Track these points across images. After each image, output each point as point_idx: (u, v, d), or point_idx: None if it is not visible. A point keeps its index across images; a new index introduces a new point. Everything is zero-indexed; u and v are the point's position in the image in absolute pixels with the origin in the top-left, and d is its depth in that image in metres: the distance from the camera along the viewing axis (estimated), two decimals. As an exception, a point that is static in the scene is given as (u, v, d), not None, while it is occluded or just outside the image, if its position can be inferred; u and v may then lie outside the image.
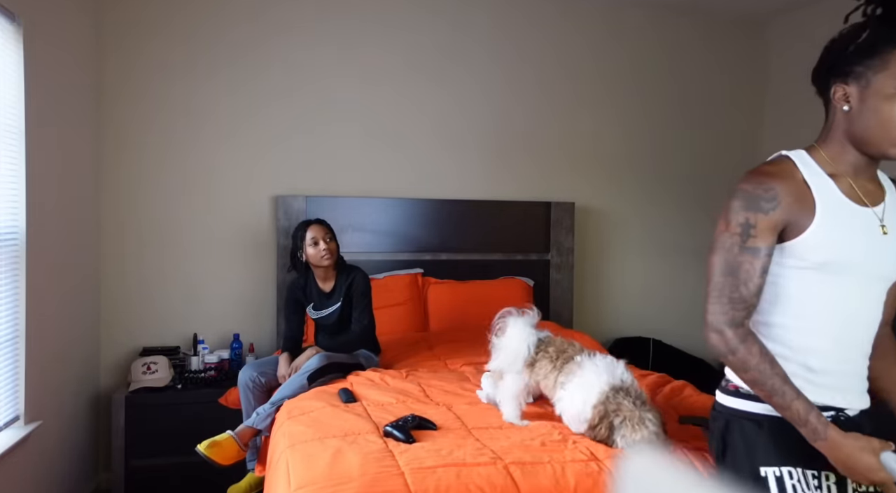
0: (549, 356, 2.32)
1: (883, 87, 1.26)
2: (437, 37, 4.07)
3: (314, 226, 3.14)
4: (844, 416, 1.35)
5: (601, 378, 2.14)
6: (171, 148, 3.71)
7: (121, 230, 3.64)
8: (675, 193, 4.47)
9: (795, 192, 1.32)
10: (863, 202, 1.33)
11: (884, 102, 1.25)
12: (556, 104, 4.27)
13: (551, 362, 2.29)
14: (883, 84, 1.25)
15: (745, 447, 1.32)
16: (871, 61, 1.26)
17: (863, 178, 1.34)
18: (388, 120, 4.00)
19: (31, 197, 2.68)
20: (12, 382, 2.63)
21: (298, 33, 3.86)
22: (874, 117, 1.27)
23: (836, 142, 1.36)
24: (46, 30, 2.84)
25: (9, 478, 2.53)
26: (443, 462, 1.92)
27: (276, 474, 2.09)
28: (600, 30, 4.32)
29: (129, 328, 3.65)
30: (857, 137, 1.31)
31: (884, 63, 1.25)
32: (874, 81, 1.26)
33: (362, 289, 3.14)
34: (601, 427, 2.05)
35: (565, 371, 2.24)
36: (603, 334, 4.29)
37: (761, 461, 1.29)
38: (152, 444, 3.28)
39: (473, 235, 4.06)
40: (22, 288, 2.66)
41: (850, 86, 1.30)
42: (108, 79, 3.60)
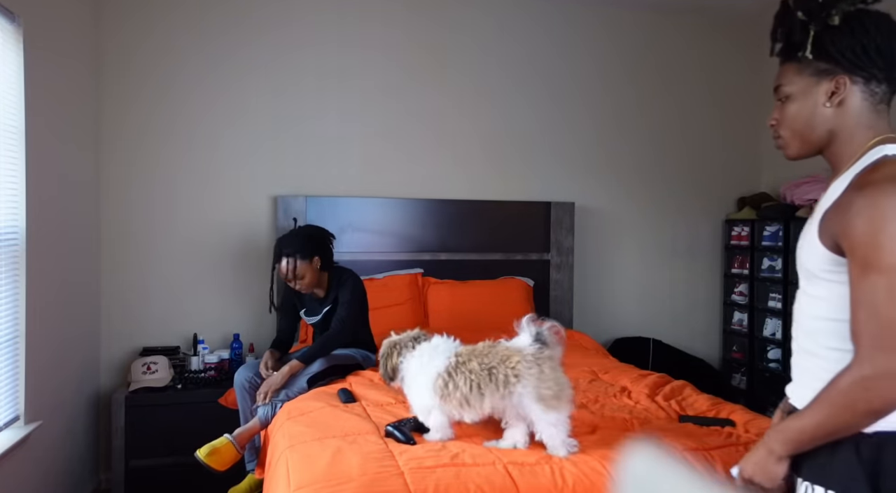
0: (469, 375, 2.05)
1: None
2: (437, 37, 4.07)
3: (279, 266, 3.01)
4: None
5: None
6: (172, 147, 3.71)
7: (121, 230, 3.64)
8: (674, 193, 4.47)
9: None
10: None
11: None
12: (556, 104, 4.27)
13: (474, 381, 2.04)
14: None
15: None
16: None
17: (833, 173, 1.29)
18: (388, 120, 4.00)
19: (31, 197, 2.68)
20: (12, 382, 2.63)
21: (299, 33, 3.86)
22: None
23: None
24: (46, 30, 2.84)
25: (9, 478, 2.53)
26: (442, 462, 1.92)
27: (276, 474, 2.09)
28: (600, 30, 4.32)
29: (129, 328, 3.65)
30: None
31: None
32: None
33: (348, 296, 3.06)
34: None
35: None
36: (603, 334, 4.29)
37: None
38: (152, 444, 3.28)
39: (473, 235, 4.06)
40: (22, 288, 2.66)
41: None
42: (107, 78, 3.60)
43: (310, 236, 3.07)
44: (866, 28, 1.19)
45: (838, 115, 1.24)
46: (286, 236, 3.09)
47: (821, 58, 1.22)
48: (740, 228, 4.35)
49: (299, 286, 3.03)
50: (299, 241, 3.02)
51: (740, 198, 4.49)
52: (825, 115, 1.24)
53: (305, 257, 3.00)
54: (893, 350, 1.06)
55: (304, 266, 3.00)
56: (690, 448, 2.02)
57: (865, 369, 1.08)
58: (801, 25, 1.23)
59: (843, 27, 1.20)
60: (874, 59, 1.20)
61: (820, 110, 1.24)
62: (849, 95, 1.22)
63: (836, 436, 1.14)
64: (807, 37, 1.22)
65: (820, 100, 1.24)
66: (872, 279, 1.09)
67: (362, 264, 3.81)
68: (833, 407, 1.12)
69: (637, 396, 2.68)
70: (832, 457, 1.16)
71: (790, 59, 1.28)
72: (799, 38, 1.23)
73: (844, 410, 1.11)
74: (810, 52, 1.22)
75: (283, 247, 3.02)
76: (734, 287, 4.44)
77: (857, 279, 1.12)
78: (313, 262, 3.02)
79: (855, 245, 1.11)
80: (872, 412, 1.09)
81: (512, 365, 2.00)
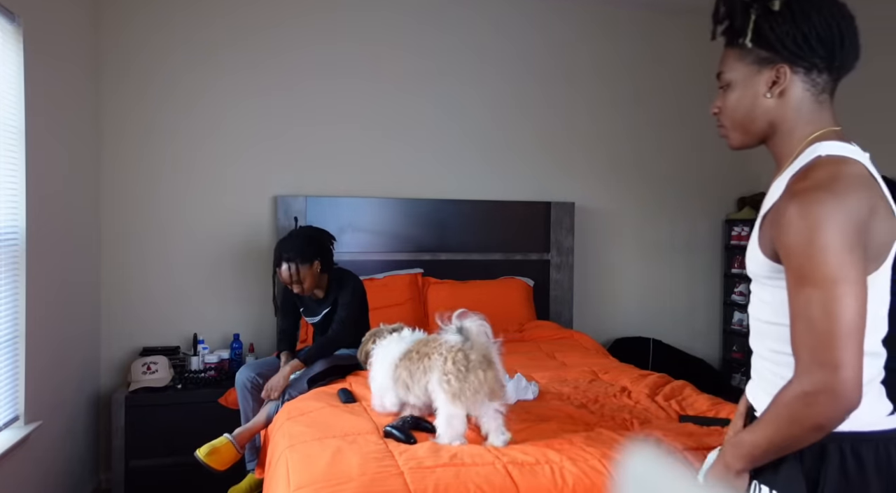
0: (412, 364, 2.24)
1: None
2: (437, 38, 4.07)
3: (280, 271, 3.01)
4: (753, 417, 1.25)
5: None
6: (172, 147, 3.71)
7: (121, 230, 3.64)
8: (674, 193, 4.47)
9: None
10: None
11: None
12: (556, 104, 4.27)
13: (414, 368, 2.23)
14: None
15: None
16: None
17: (777, 168, 1.24)
18: (388, 120, 4.00)
19: (31, 197, 2.68)
20: (12, 382, 2.63)
21: (298, 33, 3.86)
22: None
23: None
24: (46, 30, 2.84)
25: (9, 478, 2.53)
26: (442, 462, 1.92)
27: (276, 474, 2.09)
28: (599, 30, 4.32)
29: (129, 328, 3.65)
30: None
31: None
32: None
33: (349, 298, 3.06)
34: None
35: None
36: (603, 334, 4.29)
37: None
38: (152, 444, 3.28)
39: (473, 235, 4.06)
40: (22, 288, 2.66)
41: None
42: (107, 78, 3.60)
43: (310, 240, 3.05)
44: (807, 13, 1.13)
45: (779, 106, 1.18)
46: (286, 240, 3.07)
47: (761, 45, 1.16)
48: (740, 228, 4.35)
49: (300, 290, 3.03)
50: (299, 245, 3.00)
51: (740, 198, 4.49)
52: (766, 105, 1.19)
53: (306, 261, 2.98)
54: (829, 366, 1.03)
55: (304, 271, 2.98)
56: (690, 448, 2.01)
57: (805, 384, 1.05)
58: (743, 8, 1.16)
59: (784, 12, 1.13)
60: (815, 47, 1.14)
61: (761, 101, 1.19)
62: (790, 85, 1.16)
63: (788, 450, 1.12)
64: (748, 22, 1.15)
65: (761, 90, 1.18)
66: (807, 292, 1.05)
67: (362, 264, 3.81)
68: (779, 422, 1.09)
69: (637, 396, 2.68)
70: (778, 460, 1.14)
71: (733, 44, 1.21)
72: (740, 22, 1.17)
73: (791, 425, 1.08)
74: (751, 40, 1.16)
75: (283, 252, 3.00)
76: (734, 287, 4.44)
77: (792, 292, 1.08)
78: (314, 266, 3.01)
79: (789, 256, 1.08)
80: (817, 426, 1.06)
81: (431, 354, 2.16)
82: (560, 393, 2.69)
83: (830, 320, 1.03)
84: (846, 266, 1.03)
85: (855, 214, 1.05)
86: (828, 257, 1.03)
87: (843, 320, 1.03)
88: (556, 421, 2.31)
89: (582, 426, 2.28)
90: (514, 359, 3.24)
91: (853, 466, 1.11)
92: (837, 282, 1.03)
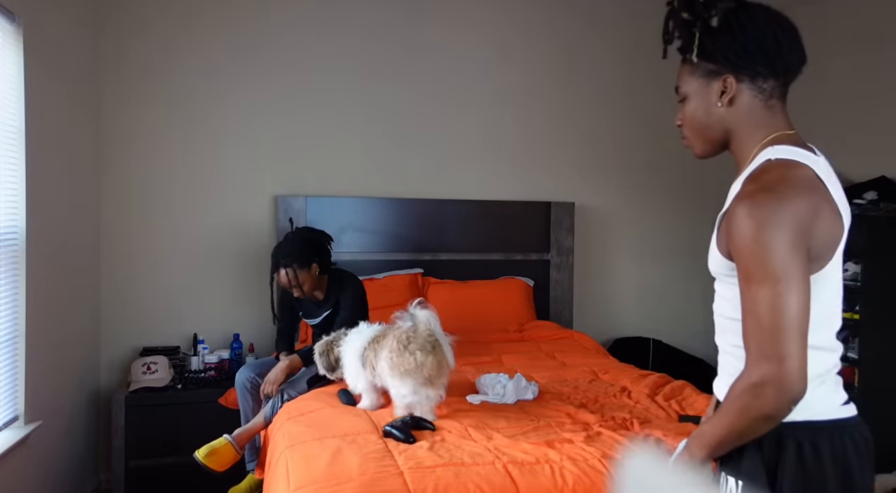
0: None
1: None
2: (436, 37, 4.07)
3: (278, 274, 2.98)
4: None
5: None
6: (172, 147, 3.71)
7: (120, 230, 3.64)
8: (675, 194, 4.47)
9: None
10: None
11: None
12: (556, 104, 4.27)
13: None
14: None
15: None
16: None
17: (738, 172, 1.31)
18: (388, 120, 4.00)
19: (31, 197, 2.68)
20: (12, 382, 2.63)
21: (299, 33, 3.86)
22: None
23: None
24: (46, 30, 2.84)
25: (9, 478, 2.53)
26: (441, 462, 1.92)
27: (276, 474, 2.09)
28: (598, 30, 4.32)
29: (129, 328, 3.65)
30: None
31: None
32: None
33: (350, 300, 3.05)
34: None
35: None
36: (603, 334, 4.29)
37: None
38: (152, 444, 3.28)
39: (473, 235, 4.06)
40: (22, 288, 2.66)
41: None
42: (107, 78, 3.60)
43: (306, 243, 3.01)
44: (744, 26, 1.20)
45: (731, 113, 1.25)
46: (282, 245, 3.04)
47: (707, 59, 1.24)
48: (740, 228, 4.34)
49: (299, 293, 3.01)
50: (296, 249, 2.97)
51: (740, 198, 4.48)
52: (719, 114, 1.26)
53: (304, 265, 2.95)
54: (775, 358, 1.09)
55: (302, 275, 2.95)
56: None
57: (753, 376, 1.11)
58: (686, 27, 1.24)
59: (723, 27, 1.21)
60: (754, 56, 1.21)
61: (714, 110, 1.26)
62: (738, 93, 1.23)
63: (744, 440, 1.17)
64: (692, 39, 1.24)
65: (712, 99, 1.26)
66: (754, 289, 1.11)
67: (362, 264, 3.81)
68: (732, 414, 1.15)
69: (637, 396, 2.68)
70: (741, 451, 1.20)
71: (684, 60, 1.29)
72: (686, 40, 1.25)
73: (741, 415, 1.13)
74: (696, 55, 1.24)
75: (279, 257, 2.97)
76: (734, 287, 4.44)
77: (742, 289, 1.14)
78: (312, 269, 2.98)
79: (739, 255, 1.14)
80: (765, 417, 1.12)
81: (385, 337, 2.46)
82: (560, 393, 2.69)
83: (775, 315, 1.09)
84: (790, 265, 1.09)
85: (798, 216, 1.11)
86: (772, 256, 1.09)
87: (787, 316, 1.09)
88: (556, 421, 2.32)
89: (582, 426, 2.28)
90: (514, 359, 3.25)
91: (810, 455, 1.16)
92: (781, 280, 1.09)
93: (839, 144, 3.97)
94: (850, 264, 3.47)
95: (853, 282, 3.43)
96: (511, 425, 2.29)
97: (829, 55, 4.09)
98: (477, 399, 2.58)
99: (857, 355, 3.40)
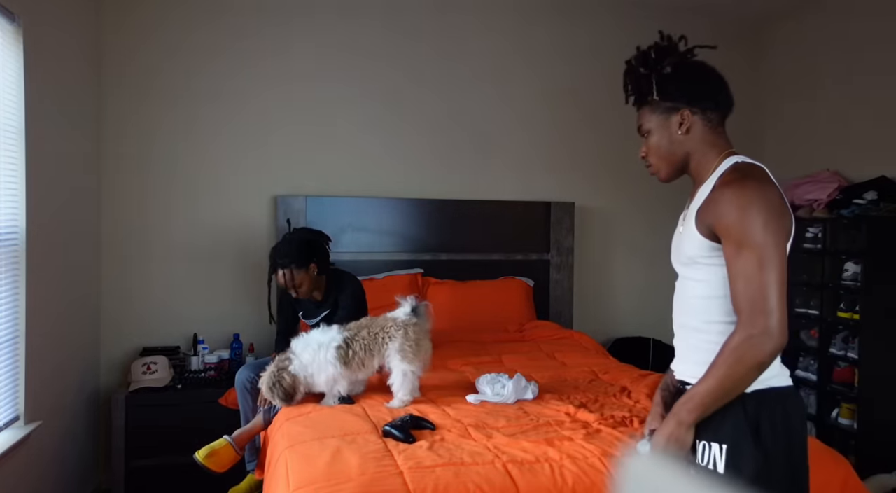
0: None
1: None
2: (435, 38, 4.08)
3: (277, 275, 2.96)
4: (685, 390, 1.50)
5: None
6: (172, 147, 3.71)
7: (121, 230, 3.64)
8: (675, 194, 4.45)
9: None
10: (688, 205, 1.59)
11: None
12: (556, 104, 4.27)
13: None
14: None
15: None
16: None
17: (695, 184, 1.57)
18: (388, 120, 4.00)
19: (31, 197, 2.68)
20: (12, 382, 2.63)
21: (299, 34, 3.86)
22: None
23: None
24: (46, 30, 2.85)
25: (9, 478, 2.54)
26: (441, 462, 1.92)
27: (276, 474, 2.09)
28: (600, 30, 4.32)
29: (129, 328, 3.65)
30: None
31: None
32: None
33: (349, 301, 3.04)
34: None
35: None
36: (603, 334, 4.29)
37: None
38: (152, 444, 3.28)
39: (473, 235, 4.06)
40: (22, 288, 2.66)
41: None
42: (107, 78, 3.60)
43: (304, 244, 2.99)
44: (691, 73, 1.54)
45: (689, 139, 1.54)
46: (280, 246, 3.03)
47: (665, 98, 1.54)
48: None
49: (298, 294, 3.00)
50: (294, 250, 2.95)
51: (740, 198, 4.48)
52: (680, 140, 1.55)
53: (301, 266, 2.94)
54: (767, 312, 1.32)
55: (300, 276, 2.94)
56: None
57: (749, 328, 1.33)
58: (644, 77, 1.56)
59: (675, 74, 1.52)
60: (703, 92, 1.53)
61: (676, 137, 1.55)
62: (693, 123, 1.53)
63: (734, 393, 1.36)
64: (651, 85, 1.55)
65: (673, 129, 1.54)
66: (745, 254, 1.35)
67: (362, 264, 3.81)
68: (727, 366, 1.34)
69: (637, 396, 2.68)
70: (723, 418, 1.39)
71: (644, 103, 1.60)
72: (645, 86, 1.57)
73: (737, 365, 1.34)
74: (657, 95, 1.54)
75: (277, 258, 2.96)
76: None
77: (732, 257, 1.37)
78: (310, 269, 2.96)
79: (729, 229, 1.37)
80: (759, 364, 1.33)
81: (387, 329, 2.60)
82: (560, 393, 2.69)
83: (763, 273, 1.33)
84: (774, 233, 1.35)
85: (776, 198, 1.39)
86: (758, 226, 1.34)
87: (774, 275, 1.33)
88: (555, 421, 2.32)
89: (582, 425, 2.28)
90: (514, 359, 3.25)
91: (784, 414, 1.40)
92: (767, 245, 1.34)
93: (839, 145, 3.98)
94: (850, 264, 3.47)
95: (853, 282, 3.43)
96: (511, 424, 2.29)
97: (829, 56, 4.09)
98: (477, 399, 2.58)
99: (857, 355, 3.40)
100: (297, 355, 2.61)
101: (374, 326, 2.65)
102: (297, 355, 2.61)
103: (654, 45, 1.58)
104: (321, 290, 3.10)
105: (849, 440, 3.41)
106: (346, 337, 2.61)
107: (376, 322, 2.67)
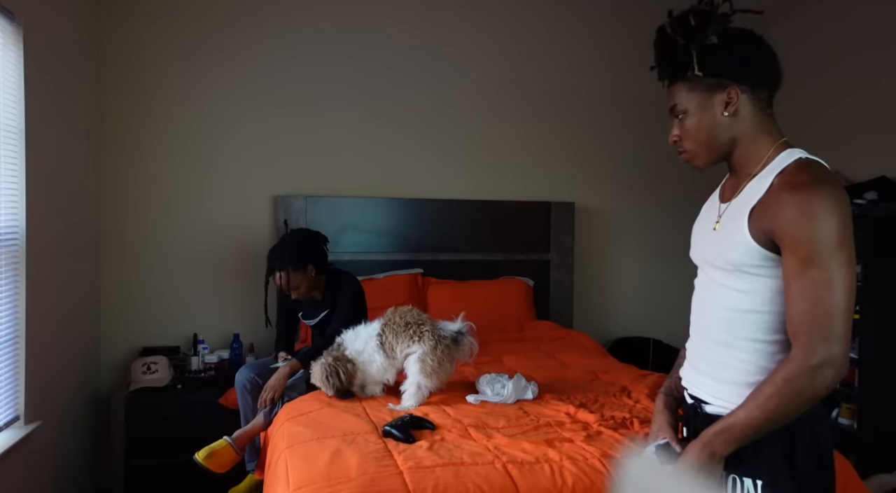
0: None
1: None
2: (435, 37, 4.07)
3: (274, 277, 2.96)
4: (702, 410, 1.37)
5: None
6: (172, 147, 3.71)
7: (121, 230, 3.64)
8: (675, 194, 4.46)
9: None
10: (726, 198, 1.39)
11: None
12: (556, 104, 4.27)
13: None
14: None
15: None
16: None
17: (737, 175, 1.38)
18: (388, 120, 4.00)
19: (31, 197, 2.68)
20: (12, 382, 2.63)
21: (299, 34, 3.86)
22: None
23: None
24: (46, 30, 2.85)
25: (9, 478, 2.54)
26: (441, 462, 1.92)
27: (276, 474, 2.09)
28: (600, 29, 4.32)
29: (129, 328, 3.65)
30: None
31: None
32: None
33: (348, 301, 3.04)
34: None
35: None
36: (603, 334, 4.28)
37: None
38: (152, 444, 3.28)
39: (473, 235, 4.06)
40: (22, 288, 2.66)
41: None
42: (107, 78, 3.60)
43: (301, 245, 2.99)
44: (739, 43, 1.32)
45: (736, 122, 1.32)
46: (277, 248, 3.02)
47: (708, 74, 1.31)
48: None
49: (296, 296, 3.00)
50: (290, 252, 2.95)
51: (740, 198, 4.48)
52: (725, 123, 1.33)
53: (299, 267, 2.94)
54: (833, 339, 1.15)
55: (298, 277, 2.94)
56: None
57: (810, 357, 1.16)
58: (683, 48, 1.32)
59: (721, 44, 1.30)
60: (753, 67, 1.31)
61: (720, 120, 1.33)
62: (741, 103, 1.31)
63: (778, 426, 1.21)
64: (690, 57, 1.31)
65: (717, 110, 1.32)
66: (813, 273, 1.16)
67: (362, 264, 3.81)
68: (780, 398, 1.18)
69: (637, 396, 2.68)
70: (758, 451, 1.24)
71: (678, 79, 1.37)
72: (683, 60, 1.33)
73: (793, 398, 1.17)
74: (699, 70, 1.31)
75: (274, 260, 2.96)
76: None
77: (796, 273, 1.18)
78: (307, 271, 2.96)
79: (798, 242, 1.18)
80: (816, 397, 1.18)
81: (423, 330, 2.57)
82: (560, 393, 2.69)
83: (832, 296, 1.15)
84: (846, 250, 1.17)
85: (847, 206, 1.20)
86: (832, 241, 1.16)
87: (843, 299, 1.16)
88: (555, 421, 2.32)
89: (582, 425, 2.28)
90: (514, 359, 3.25)
91: (814, 439, 1.27)
92: (840, 264, 1.16)
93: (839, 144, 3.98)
94: (851, 264, 3.46)
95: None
96: (511, 424, 2.28)
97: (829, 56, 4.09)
98: (477, 399, 2.58)
99: (857, 355, 3.40)
100: (348, 346, 2.66)
101: (409, 314, 2.65)
102: (348, 346, 2.66)
103: (691, 9, 1.32)
104: (321, 290, 3.10)
105: (849, 439, 3.41)
106: (382, 324, 2.66)
107: (415, 313, 2.67)
